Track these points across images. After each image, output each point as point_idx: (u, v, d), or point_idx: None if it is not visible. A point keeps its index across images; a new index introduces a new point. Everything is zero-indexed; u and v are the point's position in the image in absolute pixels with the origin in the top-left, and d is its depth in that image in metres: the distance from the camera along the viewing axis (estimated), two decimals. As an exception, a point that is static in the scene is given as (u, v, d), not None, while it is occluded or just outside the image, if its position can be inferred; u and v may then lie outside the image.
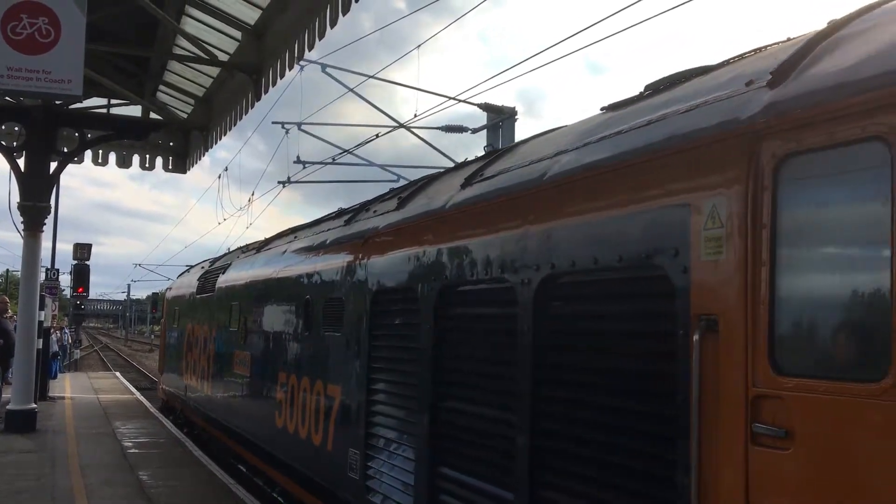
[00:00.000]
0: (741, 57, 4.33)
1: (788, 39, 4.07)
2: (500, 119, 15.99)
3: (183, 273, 23.14)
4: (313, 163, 17.48)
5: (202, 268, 18.72)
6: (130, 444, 14.06)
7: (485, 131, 16.34)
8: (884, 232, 2.81)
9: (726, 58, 4.53)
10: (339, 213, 10.22)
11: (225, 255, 17.96)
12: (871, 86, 2.99)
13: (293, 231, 12.25)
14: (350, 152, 17.23)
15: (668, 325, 3.74)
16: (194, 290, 17.41)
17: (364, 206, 9.11)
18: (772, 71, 3.58)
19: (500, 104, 16.19)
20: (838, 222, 3.07)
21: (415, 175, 17.10)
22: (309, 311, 9.17)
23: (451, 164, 12.63)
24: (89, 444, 13.71)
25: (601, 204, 4.37)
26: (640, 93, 5.06)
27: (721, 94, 3.86)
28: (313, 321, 9.00)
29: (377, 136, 16.81)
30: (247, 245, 16.20)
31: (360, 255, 7.84)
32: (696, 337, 3.52)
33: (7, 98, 16.10)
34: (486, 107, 16.11)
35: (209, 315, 15.34)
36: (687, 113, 4.02)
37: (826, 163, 3.12)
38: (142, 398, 22.65)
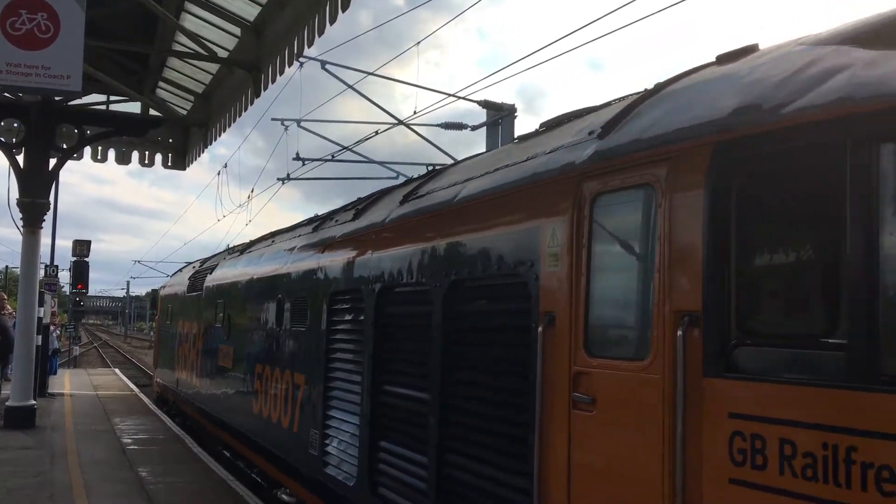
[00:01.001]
0: (619, 100, 5.30)
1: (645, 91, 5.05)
2: (499, 116, 15.98)
3: (176, 272, 24.19)
4: (313, 160, 17.47)
5: (193, 268, 19.75)
6: (129, 440, 14.07)
7: (484, 128, 16.33)
8: (651, 252, 3.93)
9: (613, 98, 5.55)
10: (310, 221, 11.24)
11: (214, 255, 18.89)
12: (646, 146, 4.11)
13: (272, 235, 13.27)
14: (349, 149, 17.22)
15: (526, 320, 4.80)
16: (185, 289, 18.30)
17: (330, 216, 10.25)
18: (602, 125, 4.69)
19: (499, 101, 16.17)
20: (627, 245, 4.21)
21: (414, 171, 17.09)
22: (281, 309, 10.20)
23: (451, 161, 12.99)
24: (88, 441, 13.72)
25: (487, 224, 5.51)
26: (537, 129, 6.22)
27: (573, 140, 4.94)
28: (284, 318, 10.02)
29: (376, 132, 16.80)
30: (233, 247, 17.36)
31: (321, 260, 9.00)
32: (540, 329, 4.61)
33: (6, 94, 16.08)
34: (485, 104, 16.10)
35: (198, 312, 16.26)
36: (549, 154, 5.13)
37: (620, 201, 4.25)
38: (141, 395, 22.66)
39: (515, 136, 15.41)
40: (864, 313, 3.04)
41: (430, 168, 9.22)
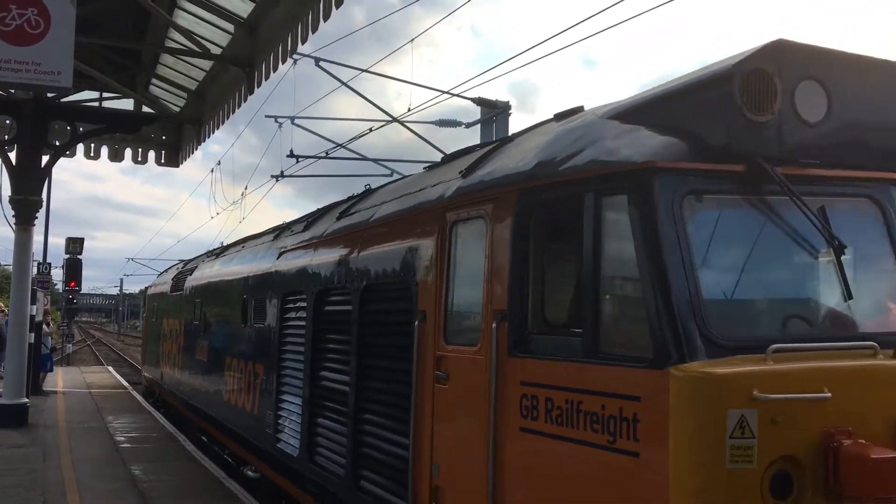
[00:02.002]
0: (498, 141, 6.82)
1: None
2: (493, 113, 15.95)
3: (162, 272, 25.82)
4: (306, 157, 17.39)
5: (177, 269, 21.16)
6: (122, 438, 14.03)
7: (479, 126, 16.30)
8: (483, 268, 5.26)
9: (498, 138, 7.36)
10: (274, 230, 12.53)
11: (196, 257, 20.00)
12: (483, 187, 5.52)
13: (244, 241, 14.68)
14: (343, 146, 17.17)
15: (410, 317, 6.18)
16: (169, 289, 19.60)
17: (289, 226, 11.57)
18: (467, 166, 6.09)
19: (493, 98, 16.15)
20: (470, 262, 5.54)
21: (408, 168, 17.06)
22: (246, 308, 11.48)
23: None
24: (81, 439, 13.68)
25: (388, 241, 6.89)
26: (439, 161, 7.79)
27: (449, 177, 6.31)
28: (248, 316, 11.31)
29: (371, 130, 16.76)
30: (211, 250, 18.55)
31: (276, 265, 10.33)
32: (416, 323, 6.02)
33: (-3, 91, 16.01)
34: (479, 101, 16.07)
35: (179, 310, 17.59)
36: (432, 187, 6.50)
37: (468, 228, 5.62)
38: (134, 392, 22.61)
39: (510, 131, 15.43)
40: (590, 312, 4.37)
41: (332, 202, 10.58)
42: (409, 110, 15.68)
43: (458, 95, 15.47)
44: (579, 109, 5.68)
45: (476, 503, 5.02)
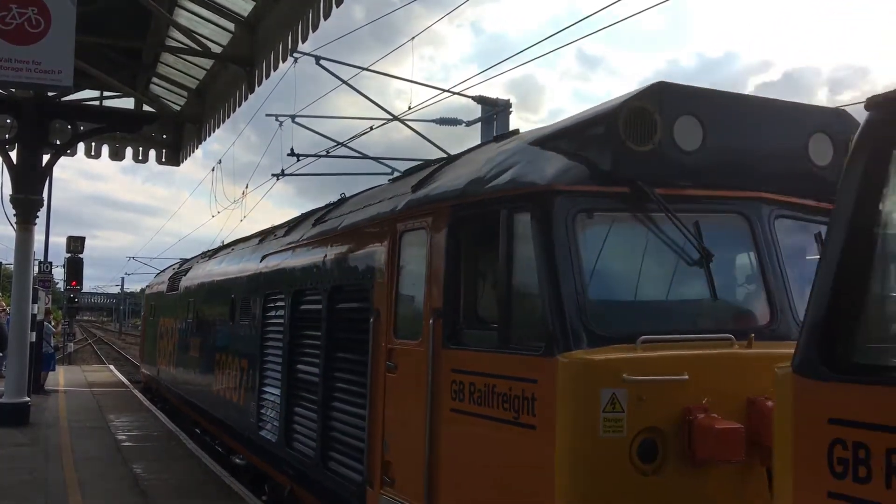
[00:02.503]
0: (445, 159, 7.81)
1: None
2: (494, 112, 15.93)
3: (159, 273, 27.12)
4: (307, 155, 17.34)
5: (174, 269, 22.17)
6: (124, 437, 14.04)
7: (479, 124, 16.29)
8: (422, 273, 6.15)
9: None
10: (260, 233, 13.45)
11: (190, 258, 21.10)
12: (426, 202, 6.35)
13: (233, 243, 15.82)
14: (344, 145, 17.14)
15: (367, 315, 6.98)
16: (165, 289, 20.57)
17: (273, 230, 12.42)
18: (416, 183, 6.97)
19: (494, 97, 16.13)
20: (414, 266, 6.40)
21: (408, 167, 17.02)
22: (233, 307, 12.31)
23: (445, 157, 13.11)
24: (83, 438, 13.69)
25: (352, 247, 7.75)
26: (401, 174, 8.87)
27: (402, 191, 7.15)
28: (236, 314, 12.12)
29: (371, 128, 16.74)
30: (205, 251, 19.52)
31: (259, 267, 11.17)
32: (372, 320, 6.86)
33: (-2, 90, 16.01)
34: (480, 99, 16.04)
35: (174, 310, 18.44)
36: (389, 199, 7.35)
37: (413, 237, 6.46)
38: (135, 391, 22.62)
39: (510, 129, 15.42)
40: (503, 310, 5.14)
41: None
42: (409, 108, 15.67)
43: (458, 94, 15.46)
44: (515, 132, 6.91)
45: (416, 473, 5.93)
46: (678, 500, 4.59)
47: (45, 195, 15.94)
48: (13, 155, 15.03)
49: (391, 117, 16.11)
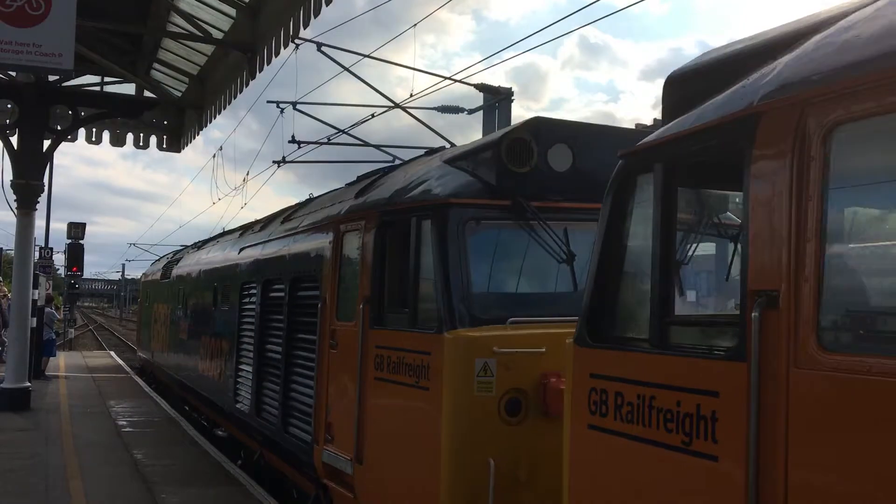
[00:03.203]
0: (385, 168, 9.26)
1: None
2: (495, 100, 15.87)
3: (155, 262, 28.60)
4: (308, 143, 17.25)
5: (167, 258, 23.63)
6: (125, 422, 14.08)
7: (481, 112, 16.22)
8: (357, 267, 7.41)
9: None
10: (242, 227, 14.91)
11: (182, 248, 22.58)
12: (362, 208, 7.63)
13: (220, 236, 17.34)
14: (345, 132, 17.06)
15: (317, 301, 8.24)
16: (159, 277, 22.10)
17: (251, 225, 13.96)
18: (359, 189, 8.42)
19: (496, 85, 16.05)
20: (353, 261, 7.56)
21: (410, 154, 16.95)
22: (216, 294, 13.69)
23: (447, 145, 13.35)
24: (84, 423, 13.72)
25: (308, 243, 9.06)
26: (352, 181, 9.79)
27: (349, 196, 8.52)
28: (218, 300, 13.51)
29: (372, 115, 16.67)
30: (195, 242, 20.63)
31: (238, 259, 12.51)
32: (320, 305, 8.11)
33: (-1, 75, 15.95)
34: (482, 87, 15.97)
35: (167, 296, 19.86)
36: (339, 203, 8.71)
37: (351, 237, 7.66)
38: (136, 377, 22.66)
39: (512, 118, 15.34)
40: (411, 297, 6.46)
41: (280, 209, 13.28)
42: (411, 96, 15.60)
43: (460, 81, 15.38)
44: (441, 149, 8.62)
45: (349, 430, 7.22)
46: (535, 444, 5.77)
47: (45, 181, 15.92)
48: (14, 140, 15.00)
49: (393, 105, 16.06)
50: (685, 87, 4.28)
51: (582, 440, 4.23)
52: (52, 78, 15.07)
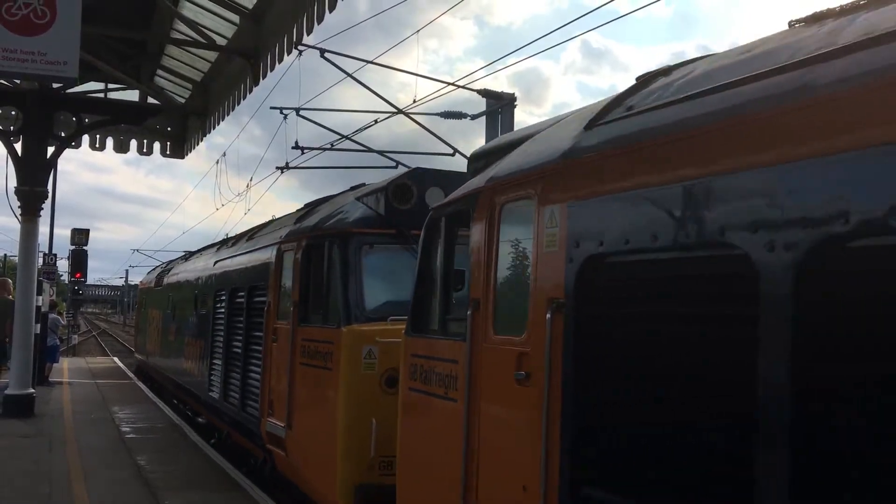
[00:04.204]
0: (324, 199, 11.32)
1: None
2: (498, 105, 15.90)
3: (150, 271, 31.24)
4: (311, 148, 17.31)
5: (161, 268, 25.87)
6: (128, 428, 14.09)
7: (484, 118, 16.24)
8: (291, 278, 9.73)
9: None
10: (220, 242, 17.65)
11: (176, 258, 24.81)
12: (294, 232, 10.01)
13: (203, 249, 19.86)
14: (348, 138, 17.10)
15: (265, 305, 10.34)
16: (153, 285, 24.41)
17: (227, 240, 16.65)
18: (297, 217, 11.01)
19: (499, 90, 16.07)
20: (287, 273, 9.88)
21: (412, 159, 16.97)
22: (196, 300, 15.95)
23: (449, 151, 13.80)
24: (87, 429, 13.73)
25: (260, 259, 11.23)
26: (300, 208, 12.01)
27: (290, 222, 10.82)
28: (198, 306, 15.72)
29: (376, 121, 16.71)
30: (184, 254, 23.43)
31: (212, 271, 15.00)
32: (266, 308, 10.27)
33: (3, 82, 15.99)
34: (485, 93, 15.98)
35: (158, 302, 22.23)
36: (283, 228, 10.82)
37: (287, 255, 9.90)
38: (139, 383, 22.69)
39: (515, 124, 15.30)
40: (324, 301, 8.61)
41: (251, 227, 15.45)
42: (414, 101, 15.63)
43: (463, 87, 15.42)
44: (363, 184, 10.32)
45: (282, 404, 9.35)
46: None
47: (49, 187, 15.95)
48: (18, 147, 15.03)
49: (396, 110, 16.09)
50: (480, 162, 6.36)
51: (406, 398, 6.31)
52: (55, 85, 15.12)
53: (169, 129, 21.44)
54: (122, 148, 20.93)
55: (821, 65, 3.07)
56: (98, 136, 20.25)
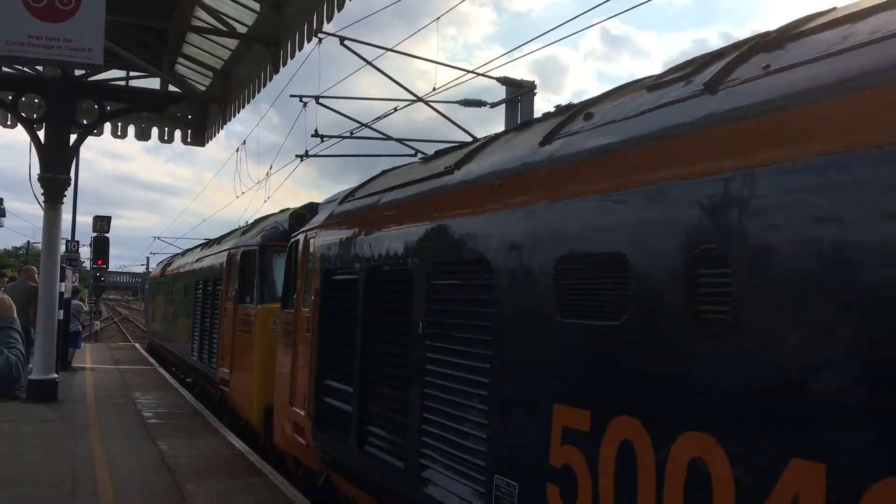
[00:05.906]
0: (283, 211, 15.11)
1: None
2: (518, 93, 15.80)
3: (159, 263, 35.73)
4: (331, 136, 17.30)
5: (167, 261, 30.55)
6: (150, 414, 14.22)
7: (503, 105, 16.15)
8: (234, 274, 14.60)
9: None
10: (206, 241, 22.57)
11: (175, 255, 29.80)
12: (239, 244, 14.39)
13: (197, 246, 24.04)
14: (367, 126, 17.08)
15: (220, 291, 15.64)
16: (159, 275, 29.49)
17: (209, 242, 21.12)
18: (242, 232, 16.45)
19: (518, 78, 15.97)
20: (232, 270, 14.68)
21: (430, 147, 16.92)
22: (186, 288, 20.39)
23: (469, 138, 13.62)
24: (110, 414, 13.88)
25: (220, 260, 15.81)
26: (251, 222, 17.36)
27: (239, 235, 16.16)
28: (192, 292, 19.17)
29: (395, 109, 16.67)
30: (183, 250, 28.77)
31: (198, 265, 19.05)
32: (221, 294, 15.29)
33: (26, 69, 16.10)
34: (504, 81, 15.89)
35: (162, 290, 27.32)
36: (239, 237, 15.56)
37: (233, 258, 14.64)
38: (161, 369, 22.90)
39: (535, 111, 15.20)
40: (249, 290, 13.24)
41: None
42: (433, 89, 15.57)
43: (482, 75, 15.33)
44: (309, 204, 12.37)
45: (227, 358, 13.54)
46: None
47: (71, 174, 16.08)
48: (41, 134, 15.15)
49: (415, 98, 16.04)
50: (311, 214, 10.50)
51: (279, 346, 10.05)
52: (78, 72, 15.20)
53: (190, 116, 21.55)
54: (143, 136, 21.07)
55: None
56: (120, 123, 20.40)
